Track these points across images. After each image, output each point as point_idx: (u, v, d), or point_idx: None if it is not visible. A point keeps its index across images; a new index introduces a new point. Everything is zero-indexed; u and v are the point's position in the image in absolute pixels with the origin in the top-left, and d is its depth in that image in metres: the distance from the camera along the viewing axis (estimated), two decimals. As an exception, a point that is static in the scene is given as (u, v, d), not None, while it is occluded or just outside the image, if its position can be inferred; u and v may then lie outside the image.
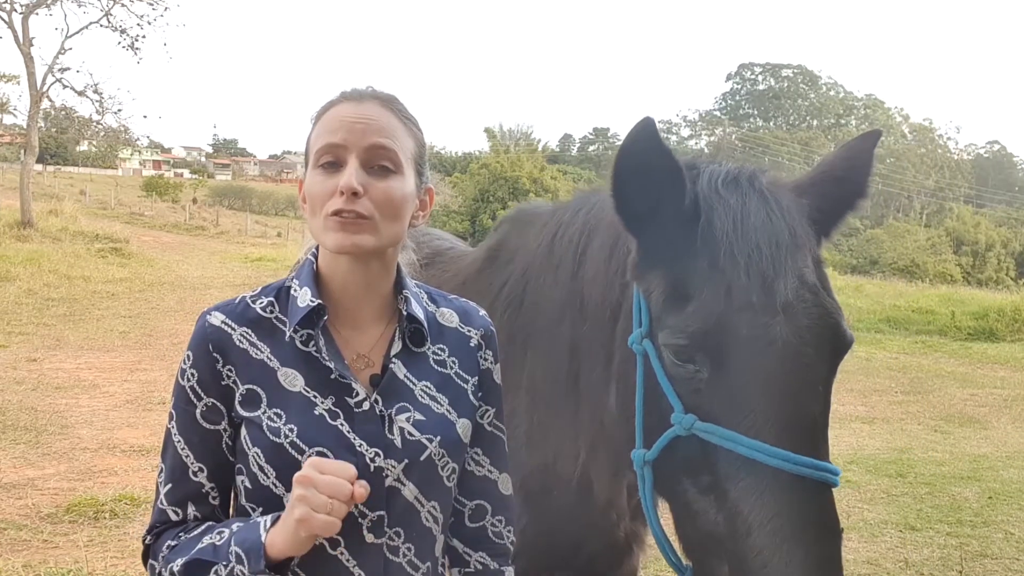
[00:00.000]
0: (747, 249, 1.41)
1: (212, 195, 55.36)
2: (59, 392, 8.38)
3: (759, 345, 1.34)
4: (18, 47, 23.92)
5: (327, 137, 1.29)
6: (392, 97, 1.37)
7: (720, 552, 1.34)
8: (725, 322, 1.36)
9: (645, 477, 1.47)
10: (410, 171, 1.34)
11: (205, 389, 1.31)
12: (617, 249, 1.69)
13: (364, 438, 1.29)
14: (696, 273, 1.42)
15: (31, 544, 4.67)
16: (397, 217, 1.31)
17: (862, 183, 1.62)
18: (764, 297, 1.37)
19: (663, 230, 1.48)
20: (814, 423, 1.35)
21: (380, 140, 1.29)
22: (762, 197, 1.49)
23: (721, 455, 1.34)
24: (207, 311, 1.35)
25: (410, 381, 1.36)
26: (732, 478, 1.32)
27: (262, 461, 1.27)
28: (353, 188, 1.24)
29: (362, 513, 1.27)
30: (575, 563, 2.05)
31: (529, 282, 1.97)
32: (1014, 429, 9.37)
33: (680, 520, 1.47)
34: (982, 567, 5.01)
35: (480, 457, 1.47)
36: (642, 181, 1.47)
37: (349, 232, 1.26)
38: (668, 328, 1.42)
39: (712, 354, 1.37)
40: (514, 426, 1.88)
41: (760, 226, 1.44)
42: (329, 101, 1.36)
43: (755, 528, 1.27)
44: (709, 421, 1.35)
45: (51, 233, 22.04)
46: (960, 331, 17.83)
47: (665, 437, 1.41)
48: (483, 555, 1.47)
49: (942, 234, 52.62)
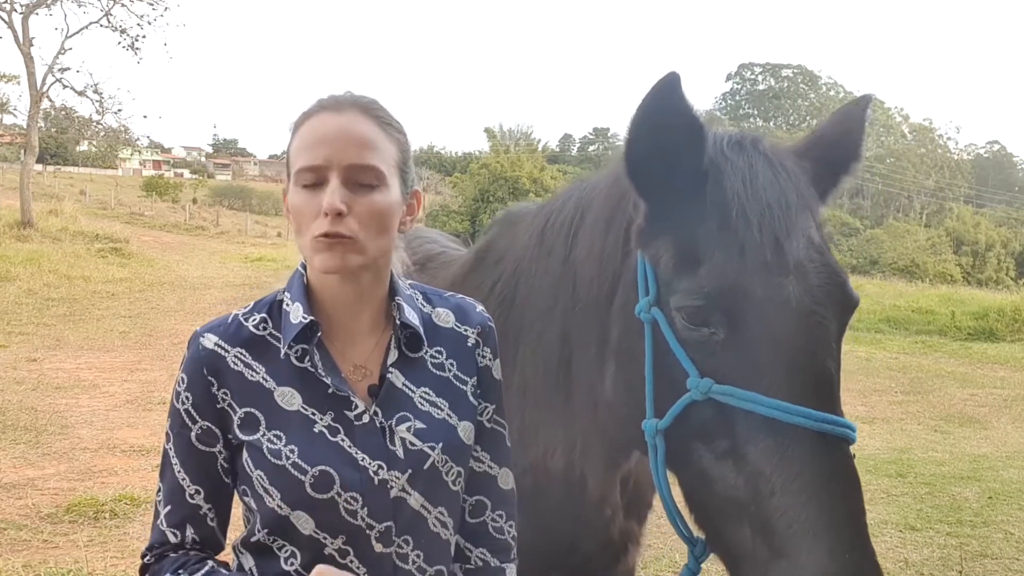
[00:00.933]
0: (759, 208, 1.40)
1: (212, 195, 55.34)
2: (59, 392, 8.39)
3: (774, 304, 1.34)
4: (18, 47, 23.93)
5: (307, 156, 1.26)
6: (371, 102, 1.33)
7: (740, 517, 1.32)
8: (740, 282, 1.36)
9: (657, 447, 1.45)
10: (394, 180, 1.31)
11: (200, 412, 1.29)
12: (615, 220, 1.65)
13: (366, 452, 1.28)
14: (707, 235, 1.41)
15: (31, 544, 4.67)
16: (383, 231, 1.29)
17: (856, 146, 1.63)
18: (776, 257, 1.37)
19: (674, 193, 1.46)
20: (830, 381, 1.35)
21: (361, 160, 1.26)
22: (767, 159, 1.49)
23: (739, 417, 1.32)
24: (200, 332, 1.34)
25: (409, 389, 1.35)
26: (752, 440, 1.31)
27: (266, 483, 1.26)
28: (337, 209, 1.22)
29: (369, 525, 1.27)
30: (570, 563, 2.03)
31: (520, 277, 1.94)
32: (1014, 429, 9.38)
33: (694, 489, 1.44)
34: (982, 567, 5.01)
35: (480, 453, 1.46)
36: (661, 140, 1.44)
37: (336, 253, 1.24)
38: (681, 291, 1.40)
39: (728, 315, 1.36)
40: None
41: (769, 186, 1.44)
42: (307, 111, 1.32)
43: (779, 488, 1.26)
44: (726, 384, 1.34)
45: (51, 233, 22.03)
46: (960, 331, 17.84)
47: (680, 404, 1.39)
48: (483, 551, 1.46)
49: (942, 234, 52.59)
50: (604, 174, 1.81)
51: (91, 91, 25.38)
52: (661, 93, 1.40)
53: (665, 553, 4.93)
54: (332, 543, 1.27)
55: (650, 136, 1.44)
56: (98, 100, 25.68)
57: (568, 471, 1.84)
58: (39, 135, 25.46)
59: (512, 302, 1.95)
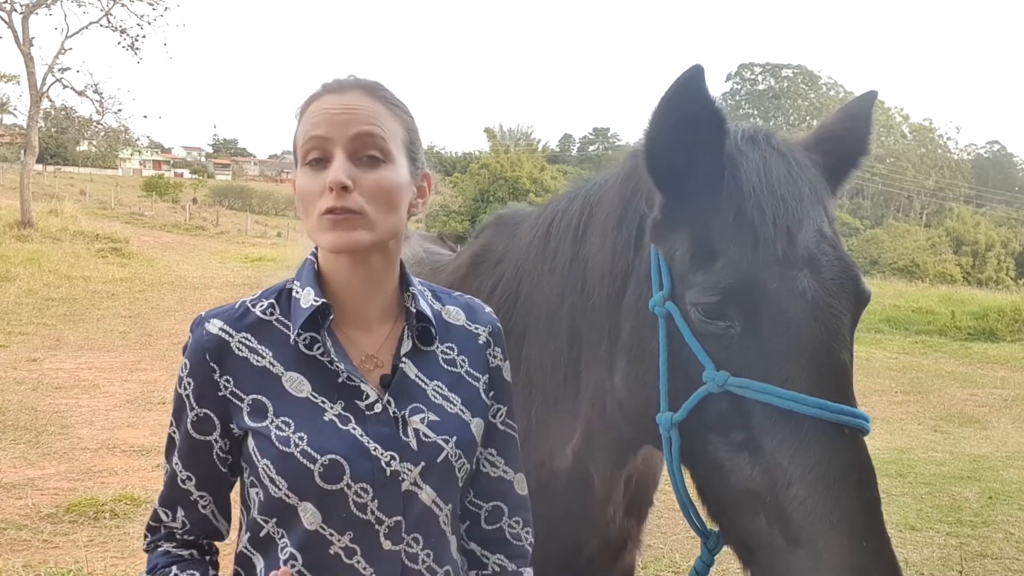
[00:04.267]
0: (773, 202, 1.41)
1: (212, 195, 55.27)
2: (59, 392, 8.38)
3: (789, 297, 1.35)
4: (18, 47, 23.92)
5: (310, 132, 1.24)
6: (376, 83, 1.31)
7: (756, 508, 1.33)
8: (755, 276, 1.36)
9: (672, 440, 1.45)
10: (401, 158, 1.27)
11: (198, 399, 1.27)
12: (627, 216, 1.65)
13: (378, 441, 1.24)
14: (722, 228, 1.42)
15: (31, 544, 4.67)
16: (392, 208, 1.25)
17: (863, 140, 1.64)
18: (790, 249, 1.38)
19: (692, 186, 1.47)
20: (845, 372, 1.36)
21: (365, 128, 1.23)
22: (780, 154, 1.49)
23: (755, 409, 1.33)
24: (204, 317, 1.31)
25: (422, 381, 1.32)
26: (768, 431, 1.31)
27: (272, 473, 1.22)
28: (341, 182, 1.19)
29: (379, 519, 1.23)
30: (575, 565, 2.02)
31: (523, 278, 1.93)
32: (1014, 429, 9.37)
33: (709, 482, 1.45)
34: (982, 567, 5.00)
35: (495, 458, 1.43)
36: (684, 133, 1.44)
37: (343, 230, 1.20)
38: (697, 286, 1.41)
39: (744, 308, 1.37)
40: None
41: (783, 180, 1.44)
42: (311, 95, 1.30)
43: (796, 478, 1.27)
44: (742, 376, 1.35)
45: (51, 233, 22.02)
46: (960, 331, 17.82)
47: (696, 396, 1.39)
48: (501, 557, 1.43)
49: (942, 234, 52.57)
50: (612, 171, 1.81)
51: (91, 91, 25.39)
52: (686, 86, 1.40)
53: (665, 553, 4.92)
54: (339, 541, 1.22)
55: (673, 129, 1.44)
56: (98, 100, 25.69)
57: (575, 470, 1.83)
58: (39, 135, 25.45)
59: (515, 303, 1.94)
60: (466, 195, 37.06)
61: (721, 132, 1.45)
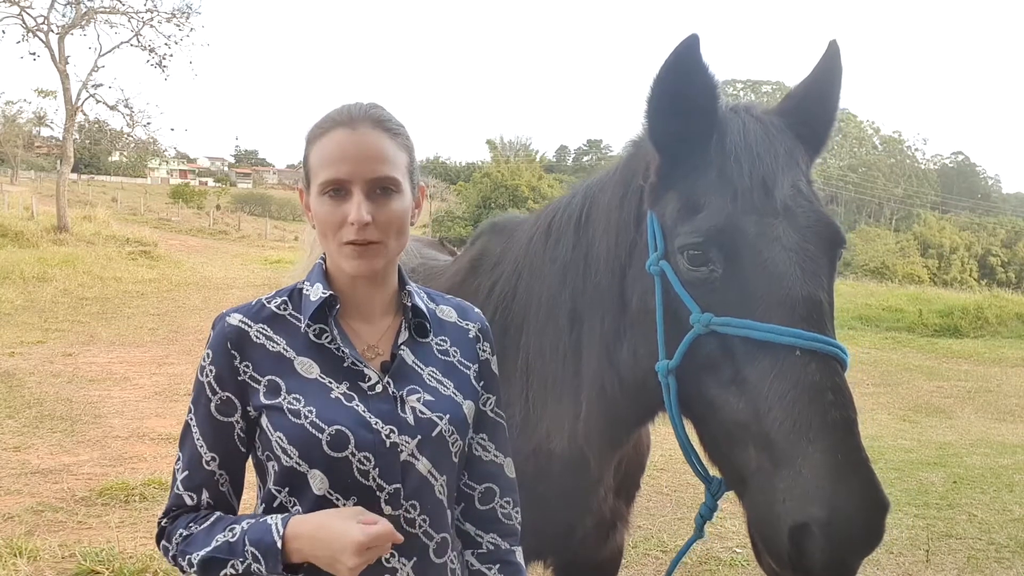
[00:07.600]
0: (750, 158, 1.45)
1: (234, 202, 55.38)
2: (92, 384, 8.38)
3: (765, 241, 1.38)
4: (55, 65, 23.96)
5: (330, 170, 1.29)
6: (380, 114, 1.35)
7: (745, 438, 1.34)
8: (734, 222, 1.40)
9: (670, 385, 1.47)
10: (406, 183, 1.35)
11: (221, 384, 1.32)
12: (628, 195, 1.68)
13: (379, 416, 1.30)
14: (706, 184, 1.46)
15: (67, 525, 4.67)
16: (402, 232, 1.34)
17: (832, 97, 1.64)
18: (766, 200, 1.42)
19: (685, 149, 1.50)
20: (820, 307, 1.37)
21: (381, 172, 1.30)
22: (758, 120, 1.54)
23: (737, 346, 1.35)
24: (225, 313, 1.37)
25: (418, 366, 1.38)
26: (750, 364, 1.33)
27: (285, 443, 1.28)
28: (364, 221, 1.27)
29: (379, 486, 1.29)
30: (569, 545, 2.01)
31: (523, 273, 1.94)
32: (977, 418, 9.37)
33: (704, 422, 1.46)
34: (947, 546, 5.00)
35: (486, 443, 1.47)
36: (682, 96, 1.47)
37: (365, 259, 1.29)
38: (682, 233, 1.44)
39: (724, 252, 1.40)
40: (508, 416, 1.84)
41: (760, 140, 1.49)
42: (321, 126, 1.34)
43: (775, 402, 1.28)
44: (725, 316, 1.37)
45: (85, 237, 22.04)
46: (927, 328, 17.81)
47: (686, 341, 1.42)
48: (494, 536, 1.46)
49: (910, 238, 52.47)
50: (611, 166, 1.84)
51: (122, 106, 25.43)
52: (684, 54, 1.43)
53: (653, 534, 4.92)
54: (344, 505, 1.27)
55: (672, 91, 1.47)
56: (128, 114, 25.73)
57: (570, 451, 1.82)
58: (74, 146, 25.52)
59: (513, 297, 1.94)
60: (469, 202, 37.07)
61: (715, 97, 1.49)
